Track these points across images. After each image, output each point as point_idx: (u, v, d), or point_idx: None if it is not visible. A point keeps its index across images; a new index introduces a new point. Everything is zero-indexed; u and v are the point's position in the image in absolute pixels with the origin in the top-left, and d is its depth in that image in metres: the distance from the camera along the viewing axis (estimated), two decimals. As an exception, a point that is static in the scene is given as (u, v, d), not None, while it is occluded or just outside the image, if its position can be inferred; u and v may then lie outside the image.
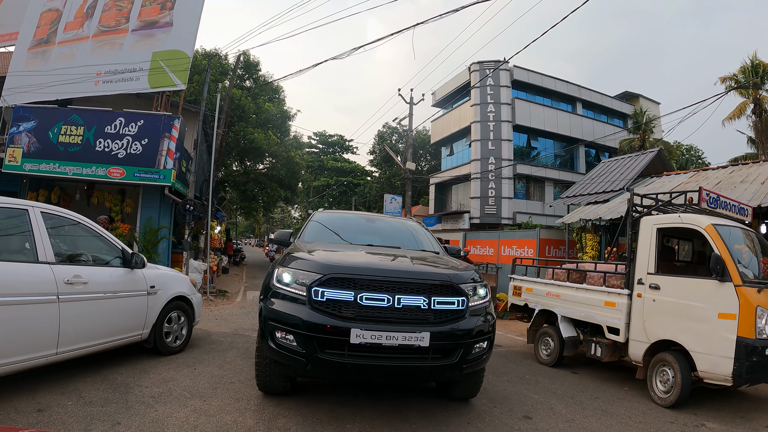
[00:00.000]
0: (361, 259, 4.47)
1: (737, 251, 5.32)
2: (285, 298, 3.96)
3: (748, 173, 11.63)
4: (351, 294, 3.79)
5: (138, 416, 3.85)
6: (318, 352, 3.72)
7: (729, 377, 4.88)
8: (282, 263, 4.27)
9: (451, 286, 4.06)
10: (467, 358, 4.00)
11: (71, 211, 5.19)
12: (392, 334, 3.71)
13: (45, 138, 14.06)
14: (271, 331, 3.93)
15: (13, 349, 3.99)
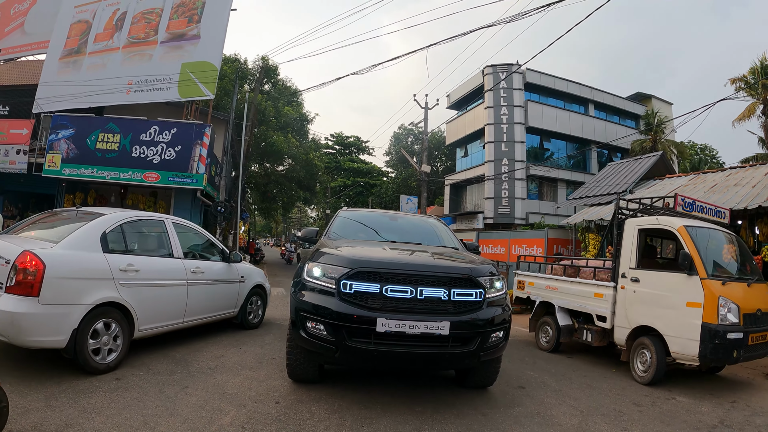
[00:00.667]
0: (386, 254, 4.72)
1: (706, 249, 6.12)
2: (316, 291, 4.31)
3: (743, 177, 12.29)
4: (377, 286, 4.12)
5: (201, 382, 4.79)
6: (346, 340, 4.04)
7: (696, 357, 5.70)
8: (312, 258, 4.63)
9: (470, 279, 4.39)
10: (484, 346, 4.32)
11: (189, 221, 7.05)
12: (415, 323, 4.03)
13: (83, 145, 15.12)
14: (302, 321, 4.28)
15: (162, 317, 5.74)
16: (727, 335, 5.57)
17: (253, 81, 31.43)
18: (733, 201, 10.52)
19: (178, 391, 4.45)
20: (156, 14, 18.55)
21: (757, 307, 6.05)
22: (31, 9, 23.91)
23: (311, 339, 4.22)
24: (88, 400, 4.01)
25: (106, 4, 19.88)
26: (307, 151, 30.04)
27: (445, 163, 45.10)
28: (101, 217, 5.36)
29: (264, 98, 27.36)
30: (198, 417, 3.87)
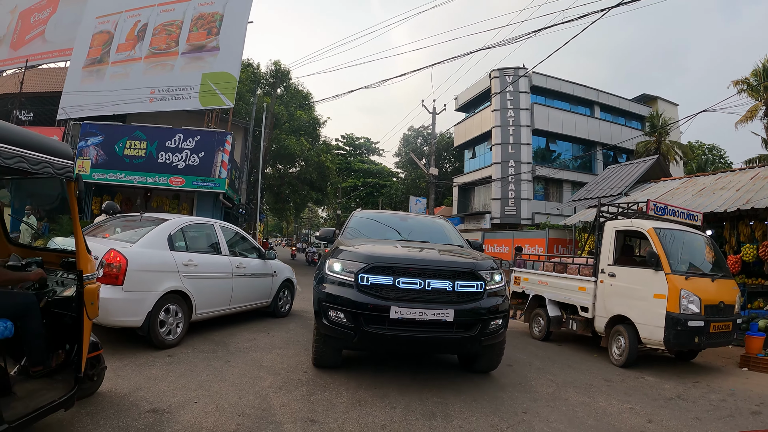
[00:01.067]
0: (398, 252, 5.30)
1: (672, 248, 7.01)
2: (336, 283, 4.88)
3: (730, 180, 13.08)
4: (390, 279, 4.70)
5: (240, 358, 5.77)
6: (364, 326, 4.62)
7: (661, 342, 6.59)
8: (332, 255, 5.19)
9: (472, 273, 4.94)
10: (485, 332, 4.85)
11: (232, 225, 8.29)
12: (423, 311, 4.61)
13: (111, 151, 16.20)
14: (325, 310, 4.84)
15: (213, 304, 6.94)
16: (688, 323, 6.46)
17: (266, 85, 32.55)
18: (716, 204, 11.32)
19: (222, 364, 5.42)
20: (176, 26, 19.57)
21: (720, 300, 6.93)
22: (51, 18, 25.00)
23: (332, 326, 4.77)
24: (149, 371, 4.98)
25: (127, 16, 20.95)
26: (318, 154, 31.01)
27: (453, 164, 45.85)
28: (166, 222, 6.47)
29: (277, 102, 28.31)
30: (243, 382, 4.85)
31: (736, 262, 10.72)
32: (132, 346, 5.80)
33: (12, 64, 26.04)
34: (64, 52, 24.24)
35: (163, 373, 4.96)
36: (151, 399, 4.17)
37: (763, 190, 11.34)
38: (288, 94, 32.15)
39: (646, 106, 37.27)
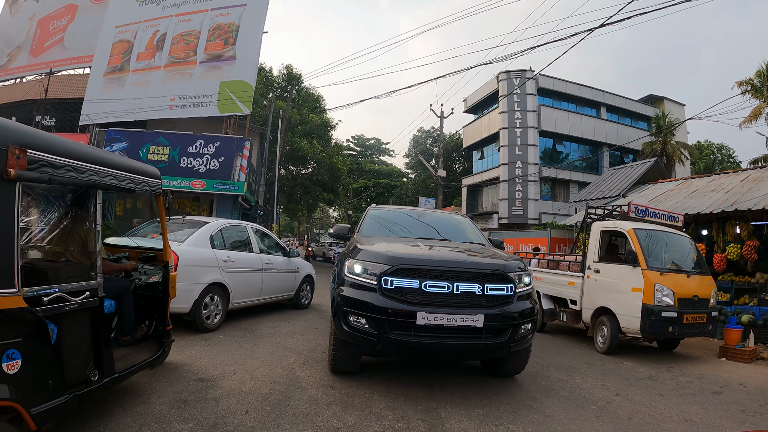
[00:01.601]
0: (424, 252, 4.98)
1: (649, 247, 7.80)
2: (357, 287, 4.58)
3: (722, 182, 13.78)
4: (416, 282, 4.41)
5: (266, 341, 6.69)
6: (388, 332, 4.34)
7: (638, 331, 7.39)
8: (351, 256, 4.87)
9: (502, 275, 4.68)
10: (515, 338, 4.61)
11: (262, 226, 9.51)
12: (452, 316, 4.33)
13: (136, 156, 17.13)
14: (345, 315, 4.56)
15: (246, 294, 8.10)
16: (662, 314, 7.25)
17: (278, 89, 33.53)
18: (705, 205, 12.04)
19: (252, 346, 6.32)
20: (194, 36, 20.54)
21: (694, 294, 7.69)
22: (69, 25, 25.99)
23: (353, 332, 4.52)
24: (189, 351, 5.88)
25: (146, 26, 21.95)
26: (330, 156, 31.91)
27: (463, 164, 46.58)
28: (207, 224, 7.78)
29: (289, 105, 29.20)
30: (271, 359, 5.74)
31: (722, 261, 11.44)
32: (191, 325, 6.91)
33: (32, 71, 27.12)
34: (83, 59, 25.19)
35: (201, 352, 5.85)
36: (196, 372, 5.06)
37: (750, 192, 12.02)
38: (300, 98, 33.12)
39: (653, 107, 37.60)
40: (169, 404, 4.08)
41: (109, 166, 3.51)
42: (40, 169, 2.83)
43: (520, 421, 4.31)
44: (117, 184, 3.59)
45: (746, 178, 13.45)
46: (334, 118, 35.99)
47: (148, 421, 3.71)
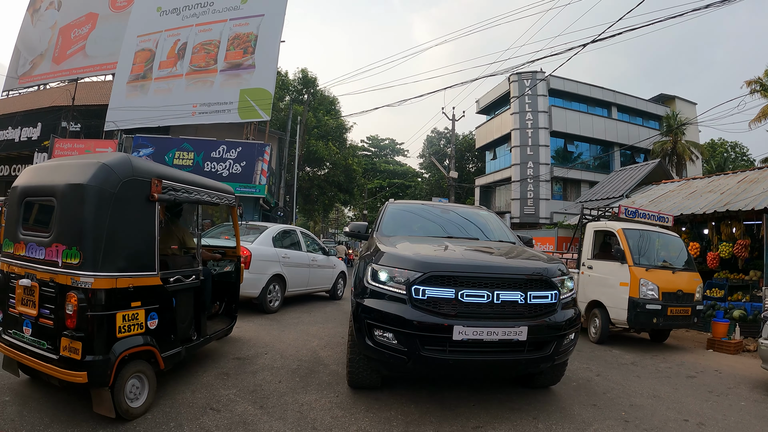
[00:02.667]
0: (458, 256, 4.47)
1: (637, 245, 8.56)
2: (383, 297, 4.07)
3: (719, 184, 14.39)
4: (452, 291, 3.89)
5: (291, 328, 7.60)
6: (420, 349, 3.83)
7: (625, 322, 8.16)
8: (374, 260, 4.37)
9: (545, 281, 4.22)
10: (559, 350, 4.18)
11: (306, 230, 10.97)
12: (493, 330, 3.84)
13: (162, 161, 18.15)
14: (369, 329, 4.04)
15: (298, 285, 9.98)
16: (646, 306, 8.01)
17: (294, 92, 34.50)
18: (700, 206, 12.66)
19: (279, 332, 7.26)
20: (214, 45, 21.53)
21: (679, 288, 8.44)
22: (91, 34, 27.01)
23: (380, 348, 4.01)
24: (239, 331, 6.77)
25: (167, 35, 22.97)
26: (345, 157, 32.80)
27: (476, 164, 47.26)
28: (268, 228, 9.82)
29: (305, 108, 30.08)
30: (297, 341, 6.68)
31: (715, 259, 12.09)
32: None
33: (55, 78, 28.23)
34: (105, 67, 26.16)
35: (235, 338, 6.73)
36: (233, 352, 5.96)
37: (744, 194, 12.64)
38: (315, 101, 34.08)
39: (664, 106, 37.89)
40: (214, 376, 4.97)
41: (205, 188, 5.00)
42: (168, 193, 4.25)
43: (506, 390, 5.11)
44: (210, 200, 5.08)
45: (743, 179, 14.05)
46: (348, 121, 36.88)
47: (199, 388, 4.60)
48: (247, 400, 4.40)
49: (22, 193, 4.15)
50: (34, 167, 4.49)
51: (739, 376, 6.94)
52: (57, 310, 3.59)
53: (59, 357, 3.51)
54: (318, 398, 4.55)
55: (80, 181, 3.68)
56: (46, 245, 3.76)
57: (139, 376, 3.88)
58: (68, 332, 3.49)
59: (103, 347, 3.53)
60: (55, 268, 3.65)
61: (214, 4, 22.04)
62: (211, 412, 4.01)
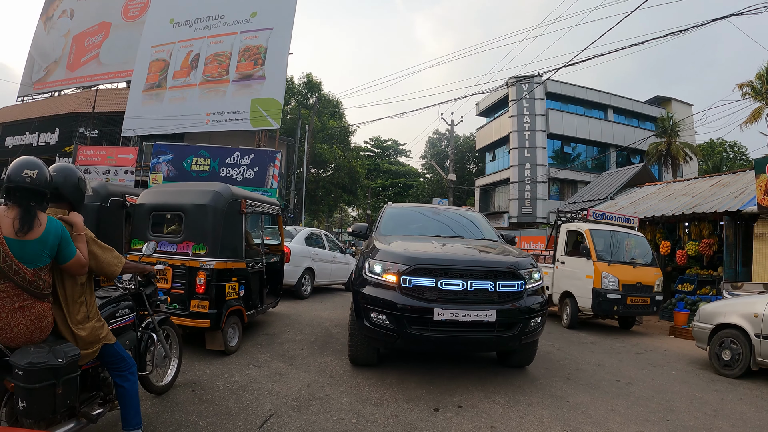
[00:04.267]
0: (439, 252, 5.26)
1: (602, 244, 9.94)
2: (377, 285, 4.92)
3: (695, 187, 15.67)
4: (433, 281, 4.70)
5: (306, 315, 9.02)
6: (407, 328, 4.66)
7: (590, 309, 9.54)
8: (371, 255, 5.21)
9: (513, 272, 4.95)
10: (525, 331, 4.89)
11: (327, 232, 12.90)
12: (466, 312, 4.62)
13: (180, 167, 19.56)
14: (366, 312, 4.89)
15: (323, 277, 12.24)
16: (607, 295, 9.39)
17: (299, 95, 35.86)
18: (672, 208, 13.95)
19: (295, 318, 8.65)
20: (226, 57, 22.86)
21: (638, 281, 9.79)
22: (104, 42, 28.38)
23: (375, 327, 4.85)
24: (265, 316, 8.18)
25: (180, 46, 24.29)
26: (349, 159, 34.15)
27: (477, 164, 48.50)
28: (301, 230, 12.28)
29: (310, 113, 31.42)
30: (311, 324, 8.10)
31: (683, 256, 13.38)
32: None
33: (70, 84, 29.77)
34: (119, 74, 27.58)
35: (260, 321, 8.11)
36: (263, 330, 7.40)
37: (713, 197, 13.92)
38: (320, 105, 35.44)
39: (660, 108, 38.76)
40: (250, 346, 6.41)
41: (265, 203, 7.21)
42: (248, 208, 6.34)
43: (473, 358, 6.48)
44: (268, 210, 7.29)
45: (716, 182, 15.31)
46: (352, 125, 38.18)
47: (240, 354, 6.02)
48: (279, 360, 5.85)
49: (150, 209, 6.19)
50: (156, 191, 6.89)
51: (682, 354, 8.24)
52: (187, 283, 5.60)
53: (189, 312, 5.50)
54: (332, 359, 6.00)
55: (204, 202, 5.84)
56: (178, 242, 5.80)
57: (234, 325, 6.01)
58: (198, 296, 5.53)
59: (219, 305, 5.59)
60: (186, 256, 5.69)
61: (225, 17, 23.41)
62: (254, 368, 5.44)
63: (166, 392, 4.38)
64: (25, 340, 2.66)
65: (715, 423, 4.69)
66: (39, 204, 2.70)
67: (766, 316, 6.36)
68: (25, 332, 2.65)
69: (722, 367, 6.79)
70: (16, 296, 2.62)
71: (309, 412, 4.22)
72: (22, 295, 2.63)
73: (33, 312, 2.67)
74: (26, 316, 2.65)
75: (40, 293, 2.70)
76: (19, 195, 2.64)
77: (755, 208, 10.99)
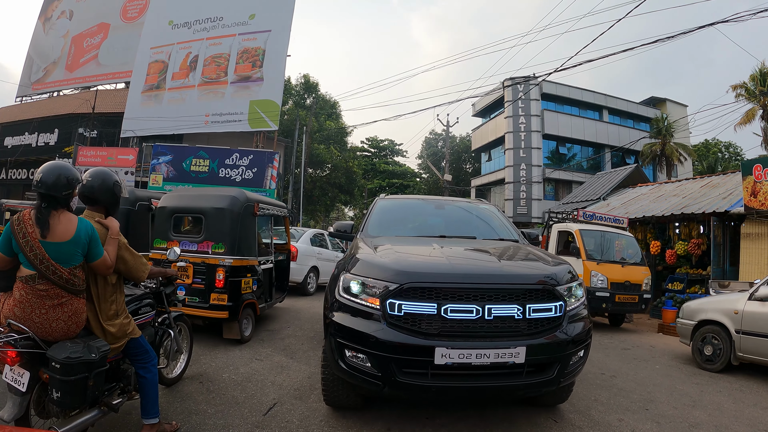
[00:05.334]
0: (442, 261, 3.83)
1: (592, 243, 10.25)
2: (354, 313, 3.49)
3: (685, 188, 16.01)
4: (434, 306, 3.31)
5: (305, 312, 9.30)
6: (396, 374, 3.29)
7: (580, 306, 9.82)
8: (347, 267, 3.80)
9: (548, 290, 3.54)
10: (565, 371, 3.53)
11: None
12: (483, 351, 3.24)
13: (180, 168, 19.85)
14: (339, 349, 3.52)
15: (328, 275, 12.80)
16: (596, 293, 9.71)
17: (296, 96, 36.13)
18: (662, 209, 14.29)
19: (294, 316, 8.96)
20: (224, 58, 23.15)
21: (626, 279, 10.12)
22: (103, 43, 28.66)
23: (351, 371, 3.48)
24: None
25: (179, 47, 24.59)
26: (346, 160, 34.44)
27: (473, 164, 48.82)
28: (307, 231, 13.12)
29: (307, 113, 31.70)
30: (311, 321, 8.41)
31: (673, 255, 13.71)
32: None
33: (68, 85, 30.00)
34: (117, 75, 27.82)
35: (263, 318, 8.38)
36: (262, 327, 7.69)
37: (702, 198, 14.27)
38: (317, 106, 35.72)
39: (655, 109, 39.30)
40: (253, 341, 6.75)
41: (275, 206, 7.94)
42: (260, 211, 7.04)
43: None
44: (277, 213, 8.02)
45: (706, 184, 15.65)
46: (348, 126, 38.47)
47: (244, 348, 6.33)
48: (281, 354, 6.16)
49: (171, 211, 6.85)
50: (176, 195, 7.36)
51: (668, 350, 8.56)
52: (207, 279, 6.26)
53: (209, 305, 6.18)
54: (330, 355, 6.29)
55: (222, 206, 6.52)
56: (198, 242, 6.48)
57: (248, 317, 6.72)
58: (217, 290, 6.20)
59: (236, 297, 6.29)
60: (206, 254, 6.37)
61: (224, 19, 23.69)
62: (257, 361, 5.74)
63: (175, 384, 4.67)
64: (62, 335, 2.92)
65: (692, 413, 4.96)
66: (51, 206, 2.89)
67: (745, 313, 6.66)
68: (62, 327, 2.91)
69: (704, 362, 7.09)
70: (55, 294, 2.87)
71: (310, 401, 4.50)
72: (60, 292, 2.89)
73: (70, 308, 2.94)
74: (64, 312, 2.91)
75: (76, 289, 2.96)
76: (53, 199, 2.90)
77: (742, 209, 11.31)
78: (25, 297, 2.84)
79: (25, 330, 2.83)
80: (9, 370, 2.83)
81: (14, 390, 2.81)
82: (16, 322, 2.83)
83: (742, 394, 5.85)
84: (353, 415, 4.18)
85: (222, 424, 3.88)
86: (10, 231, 2.85)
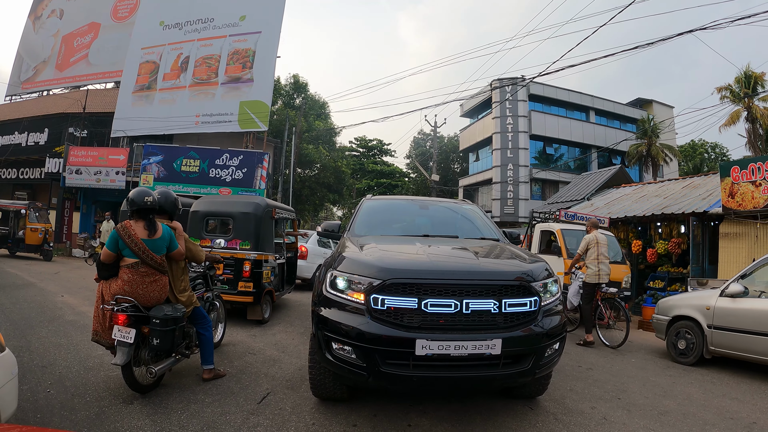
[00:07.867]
0: (423, 259, 4.10)
1: (571, 242, 10.57)
2: (340, 307, 3.79)
3: (667, 189, 16.38)
4: (414, 300, 3.57)
5: (295, 308, 9.52)
6: (380, 365, 3.55)
7: (562, 303, 10.17)
8: (334, 265, 4.08)
9: (524, 286, 3.81)
10: (540, 363, 3.81)
11: None
12: (461, 343, 3.50)
13: (171, 168, 19.97)
14: (326, 342, 3.80)
15: None
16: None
17: (285, 96, 36.28)
18: (643, 209, 14.62)
19: (289, 310, 9.20)
20: (215, 60, 23.27)
21: (609, 277, 10.42)
22: (93, 43, 28.65)
23: (338, 363, 3.75)
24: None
25: (170, 48, 24.66)
26: (335, 160, 34.64)
27: (461, 164, 49.17)
28: (314, 234, 14.43)
29: (296, 113, 31.86)
30: (301, 316, 8.76)
31: (653, 254, 14.07)
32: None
33: (59, 84, 29.90)
34: (107, 75, 27.78)
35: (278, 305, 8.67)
36: (253, 325, 7.91)
37: (683, 198, 14.64)
38: (306, 106, 35.90)
39: (641, 110, 39.81)
40: (245, 336, 7.00)
41: (286, 210, 9.69)
42: (276, 215, 8.70)
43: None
44: (288, 217, 9.82)
45: (688, 184, 16.02)
46: (338, 126, 38.67)
47: (237, 342, 6.58)
48: (272, 348, 6.42)
49: (204, 215, 8.47)
50: (207, 201, 8.99)
51: (645, 344, 8.90)
52: (235, 270, 7.83)
53: (237, 291, 7.73)
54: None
55: (248, 211, 8.18)
56: (228, 240, 7.89)
57: (267, 302, 8.21)
58: (244, 279, 7.78)
59: (259, 285, 7.84)
60: (235, 251, 7.97)
61: (215, 20, 23.81)
62: (250, 355, 6.00)
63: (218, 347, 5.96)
64: (155, 301, 4.37)
65: (662, 402, 5.27)
66: (156, 215, 4.52)
67: (717, 308, 7.00)
68: (156, 296, 4.39)
69: (678, 356, 7.42)
70: (152, 273, 4.35)
71: (302, 391, 4.77)
72: (155, 272, 4.37)
73: (161, 282, 4.44)
74: (158, 285, 4.40)
75: (164, 270, 4.46)
76: (143, 212, 4.38)
77: (720, 209, 11.70)
78: (132, 277, 4.24)
79: (131, 300, 4.18)
80: (117, 330, 4.06)
81: (123, 343, 4.06)
82: (124, 296, 4.18)
83: (712, 386, 6.15)
84: (342, 404, 4.44)
85: (219, 411, 4.14)
86: (117, 235, 4.24)
